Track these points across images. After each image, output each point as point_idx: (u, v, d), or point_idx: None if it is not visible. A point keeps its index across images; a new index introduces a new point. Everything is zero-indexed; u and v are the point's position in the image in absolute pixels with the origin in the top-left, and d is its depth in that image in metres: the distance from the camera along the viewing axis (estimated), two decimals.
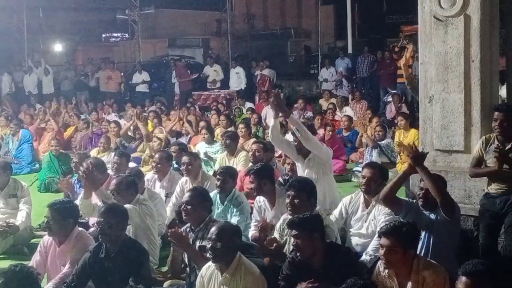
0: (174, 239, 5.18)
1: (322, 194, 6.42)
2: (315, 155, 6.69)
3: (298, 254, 4.69)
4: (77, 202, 7.05)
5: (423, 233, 5.02)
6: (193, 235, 5.43)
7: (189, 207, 5.49)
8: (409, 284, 4.34)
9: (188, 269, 5.45)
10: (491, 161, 5.44)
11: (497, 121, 5.41)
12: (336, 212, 6.02)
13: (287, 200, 5.43)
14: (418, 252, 4.66)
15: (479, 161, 5.61)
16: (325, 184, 6.64)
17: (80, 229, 5.69)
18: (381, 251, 4.39)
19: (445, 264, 4.55)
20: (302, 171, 6.84)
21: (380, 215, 5.68)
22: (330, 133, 11.26)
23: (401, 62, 7.22)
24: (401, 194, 6.84)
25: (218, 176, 6.72)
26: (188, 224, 5.59)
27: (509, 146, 5.31)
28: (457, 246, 5.22)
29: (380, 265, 4.49)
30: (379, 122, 11.20)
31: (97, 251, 5.13)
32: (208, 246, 4.64)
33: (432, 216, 5.11)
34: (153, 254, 6.12)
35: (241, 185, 7.77)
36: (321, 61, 21.77)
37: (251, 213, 6.68)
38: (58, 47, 32.04)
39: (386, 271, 4.45)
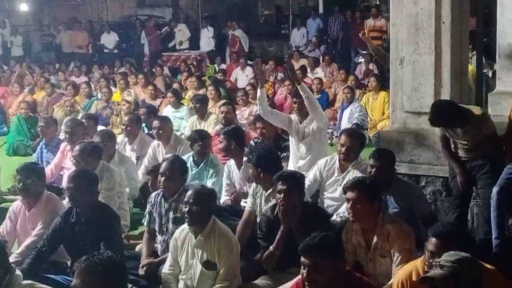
0: None
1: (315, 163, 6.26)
2: (312, 121, 6.55)
3: None
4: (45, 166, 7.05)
5: None
6: (166, 205, 5.34)
7: (168, 180, 5.31)
8: (375, 238, 4.41)
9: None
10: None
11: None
12: (310, 175, 5.93)
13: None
14: None
15: (446, 138, 5.60)
16: (319, 152, 6.51)
17: (49, 192, 5.64)
18: (348, 205, 4.46)
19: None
20: (295, 142, 6.67)
21: None
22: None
23: (362, 37, 7.13)
24: None
25: (199, 142, 6.66)
26: (159, 191, 5.48)
27: None
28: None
29: (349, 222, 4.54)
30: (347, 85, 11.10)
31: (68, 216, 5.07)
32: (185, 209, 4.61)
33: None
34: (124, 217, 6.10)
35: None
36: (292, 21, 21.51)
37: None
38: (23, 6, 31.16)
39: (354, 227, 4.49)
